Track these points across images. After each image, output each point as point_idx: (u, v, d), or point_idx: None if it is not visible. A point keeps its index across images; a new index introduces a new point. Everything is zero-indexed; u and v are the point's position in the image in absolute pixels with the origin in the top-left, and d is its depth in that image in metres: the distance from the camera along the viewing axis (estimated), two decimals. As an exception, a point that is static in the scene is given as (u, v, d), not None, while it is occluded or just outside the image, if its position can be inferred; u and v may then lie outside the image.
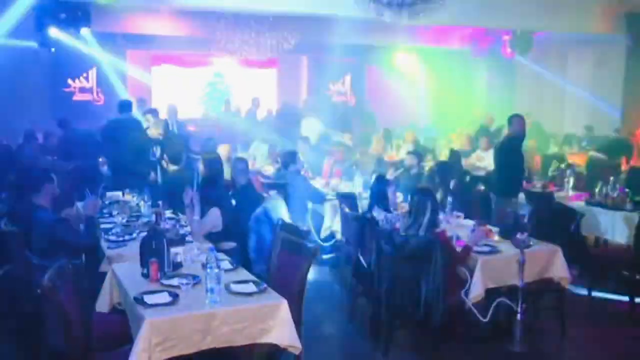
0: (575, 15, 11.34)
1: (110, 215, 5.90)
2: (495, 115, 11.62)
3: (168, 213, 5.84)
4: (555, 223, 5.70)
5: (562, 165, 8.77)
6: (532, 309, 5.14)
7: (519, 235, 4.78)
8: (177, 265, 4.25)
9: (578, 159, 10.16)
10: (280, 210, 5.46)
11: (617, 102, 12.67)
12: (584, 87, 14.51)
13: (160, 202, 6.00)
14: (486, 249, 5.00)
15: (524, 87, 14.75)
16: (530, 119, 9.92)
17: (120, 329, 3.88)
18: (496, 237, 5.29)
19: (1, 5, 8.95)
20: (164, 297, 3.67)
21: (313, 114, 11.76)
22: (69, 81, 11.87)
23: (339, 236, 6.70)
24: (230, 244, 5.20)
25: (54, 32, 9.57)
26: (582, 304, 5.86)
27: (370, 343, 5.01)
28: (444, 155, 9.39)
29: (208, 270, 3.66)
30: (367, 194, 6.66)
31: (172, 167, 7.01)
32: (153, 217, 5.43)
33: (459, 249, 4.82)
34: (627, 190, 6.80)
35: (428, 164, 8.42)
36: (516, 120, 7.11)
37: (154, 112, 9.01)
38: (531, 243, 4.93)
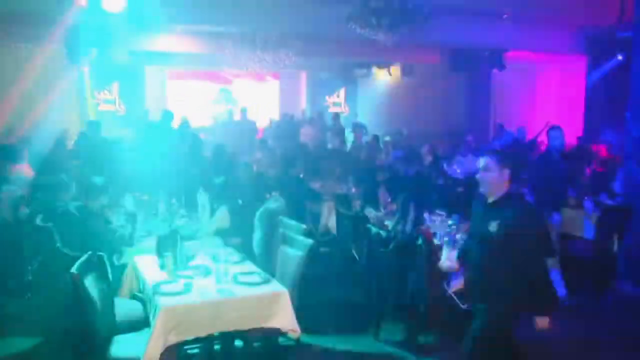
0: (542, 37, 11.50)
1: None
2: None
3: (182, 211, 5.83)
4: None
5: None
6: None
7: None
8: (190, 258, 4.25)
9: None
10: (281, 210, 5.45)
11: (579, 114, 12.86)
12: (550, 100, 14.59)
13: (175, 202, 5.99)
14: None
15: (499, 99, 14.78)
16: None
17: (140, 314, 3.89)
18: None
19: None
20: (178, 286, 3.68)
21: (310, 122, 11.76)
22: (95, 93, 11.90)
23: (334, 232, 6.69)
24: (237, 240, 5.20)
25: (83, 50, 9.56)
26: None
27: (363, 327, 5.00)
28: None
29: (218, 262, 3.67)
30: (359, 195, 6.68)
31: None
32: (169, 215, 5.43)
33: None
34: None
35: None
36: (555, 132, 6.24)
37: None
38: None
